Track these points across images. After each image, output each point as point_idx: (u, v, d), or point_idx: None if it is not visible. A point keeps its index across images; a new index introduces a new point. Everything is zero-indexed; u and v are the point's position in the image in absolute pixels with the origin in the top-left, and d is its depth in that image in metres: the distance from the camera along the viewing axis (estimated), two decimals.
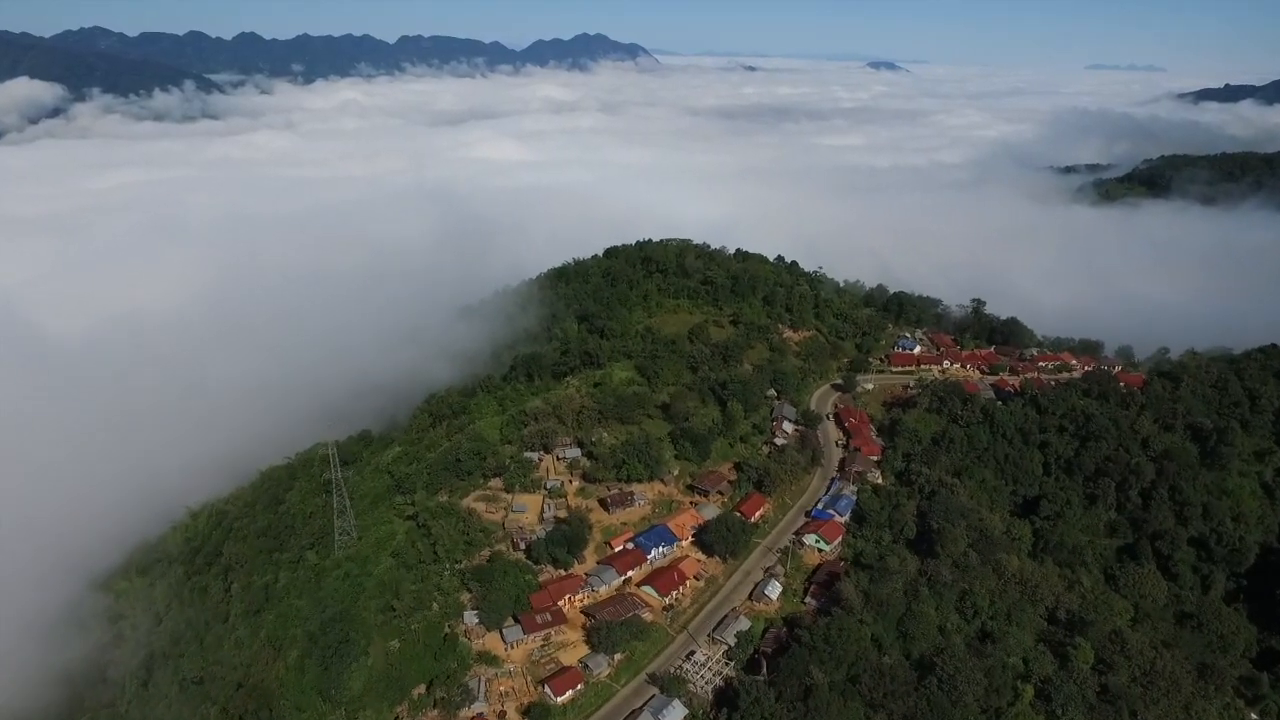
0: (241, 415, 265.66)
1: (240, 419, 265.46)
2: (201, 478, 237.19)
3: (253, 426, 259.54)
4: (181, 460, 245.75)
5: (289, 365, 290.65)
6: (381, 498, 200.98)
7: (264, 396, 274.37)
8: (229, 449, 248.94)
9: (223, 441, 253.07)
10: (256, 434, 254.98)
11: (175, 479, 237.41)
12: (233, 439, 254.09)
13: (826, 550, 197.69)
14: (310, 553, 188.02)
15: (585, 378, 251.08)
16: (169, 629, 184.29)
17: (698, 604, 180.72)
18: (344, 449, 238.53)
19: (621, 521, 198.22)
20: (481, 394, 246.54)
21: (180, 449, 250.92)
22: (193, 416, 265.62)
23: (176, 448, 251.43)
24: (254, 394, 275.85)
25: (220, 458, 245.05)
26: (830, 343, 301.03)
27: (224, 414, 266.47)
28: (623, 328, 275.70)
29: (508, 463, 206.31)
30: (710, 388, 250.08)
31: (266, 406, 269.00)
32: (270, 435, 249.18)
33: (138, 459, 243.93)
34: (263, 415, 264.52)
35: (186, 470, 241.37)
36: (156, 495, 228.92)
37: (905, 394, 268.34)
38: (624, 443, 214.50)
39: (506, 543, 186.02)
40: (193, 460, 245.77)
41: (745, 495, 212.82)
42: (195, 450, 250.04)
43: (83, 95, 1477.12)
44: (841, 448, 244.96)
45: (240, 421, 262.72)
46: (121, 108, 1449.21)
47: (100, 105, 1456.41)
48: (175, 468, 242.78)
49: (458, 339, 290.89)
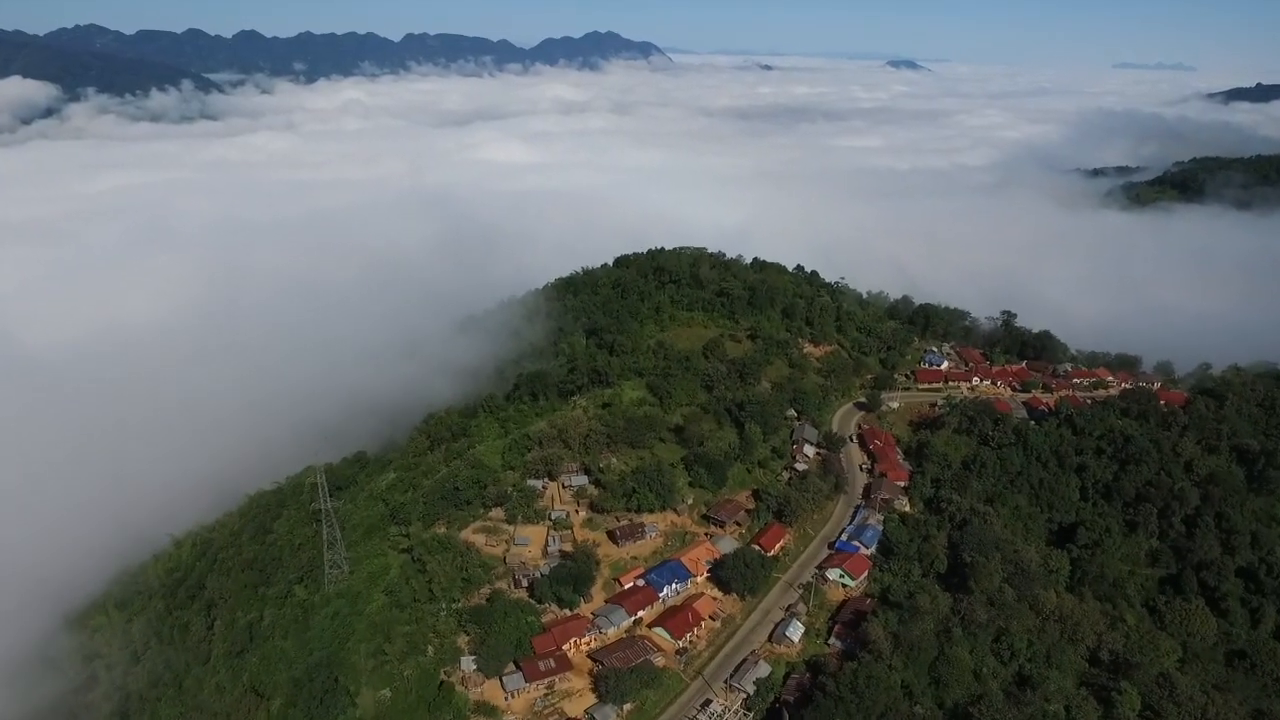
0: (230, 434, 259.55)
1: (228, 438, 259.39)
2: (186, 501, 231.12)
3: (241, 447, 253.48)
4: (166, 482, 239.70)
5: (281, 381, 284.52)
6: (375, 528, 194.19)
7: (254, 414, 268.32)
8: (216, 470, 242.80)
9: (210, 462, 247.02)
10: (245, 455, 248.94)
11: (159, 502, 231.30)
12: (220, 460, 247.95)
13: (852, 586, 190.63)
14: (298, 587, 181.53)
15: (593, 397, 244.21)
16: (147, 670, 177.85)
17: (713, 646, 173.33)
18: (337, 473, 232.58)
19: (631, 555, 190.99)
20: (483, 414, 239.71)
21: (165, 470, 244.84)
22: (179, 435, 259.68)
23: (161, 468, 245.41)
24: (243, 411, 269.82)
25: (207, 480, 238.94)
26: (853, 358, 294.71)
27: (212, 433, 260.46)
28: (633, 343, 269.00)
29: (510, 491, 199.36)
30: (726, 408, 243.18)
31: (256, 425, 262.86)
32: (259, 456, 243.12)
33: (119, 481, 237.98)
34: (252, 434, 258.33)
35: (171, 493, 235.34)
36: (138, 520, 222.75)
37: (933, 413, 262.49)
38: (634, 470, 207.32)
39: (508, 579, 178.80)
40: (178, 482, 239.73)
41: (764, 526, 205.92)
42: (180, 471, 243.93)
43: (77, 95, 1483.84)
44: (866, 472, 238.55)
45: (228, 441, 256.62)
46: (117, 108, 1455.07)
47: (95, 105, 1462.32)
48: (159, 490, 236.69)
49: (459, 354, 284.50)
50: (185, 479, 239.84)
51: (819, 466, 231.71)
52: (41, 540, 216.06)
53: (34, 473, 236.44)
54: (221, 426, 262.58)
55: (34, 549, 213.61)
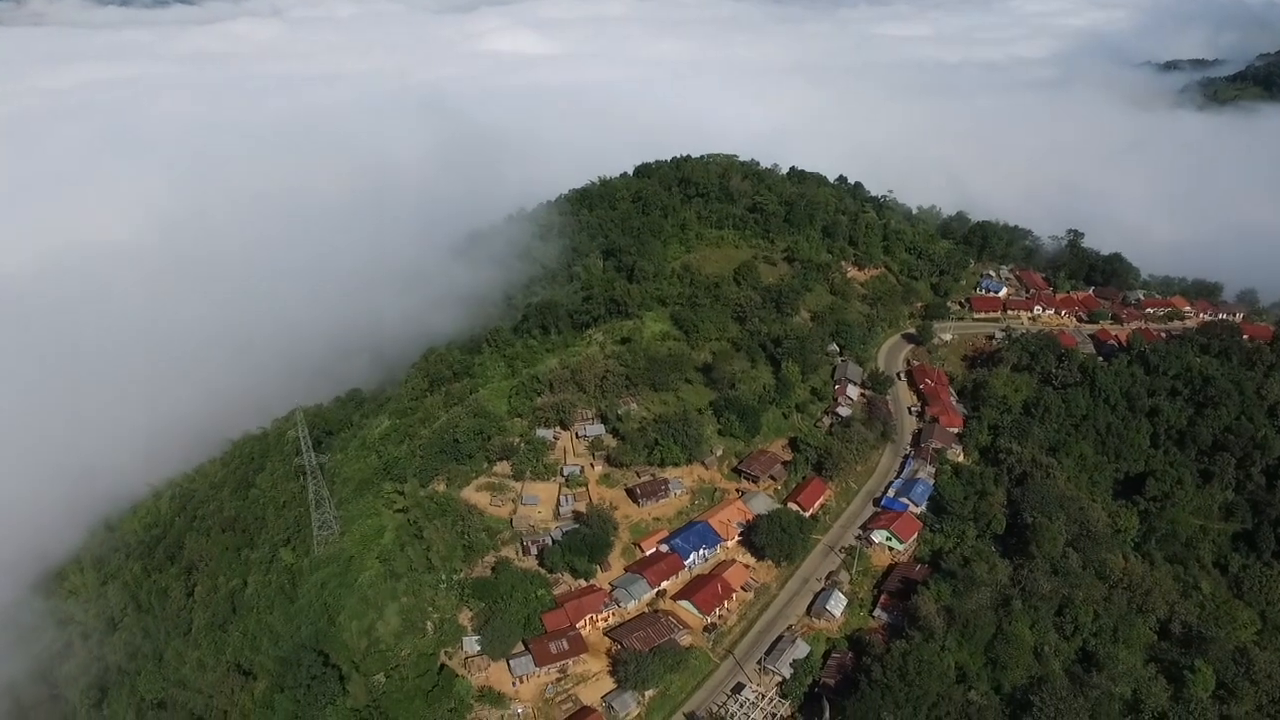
0: (209, 370, 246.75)
1: (207, 375, 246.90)
2: (165, 446, 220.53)
3: (222, 384, 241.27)
4: (141, 425, 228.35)
5: (265, 312, 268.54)
6: (368, 483, 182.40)
7: (234, 347, 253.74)
8: (195, 411, 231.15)
9: (188, 402, 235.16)
10: (226, 393, 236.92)
11: (136, 448, 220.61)
12: (199, 399, 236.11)
13: (900, 550, 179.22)
14: (284, 550, 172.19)
15: (611, 330, 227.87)
16: (124, 640, 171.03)
17: (745, 620, 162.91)
18: (327, 415, 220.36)
19: (654, 516, 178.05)
20: (488, 351, 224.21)
21: (140, 412, 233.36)
22: (153, 372, 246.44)
23: (136, 410, 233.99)
24: (223, 344, 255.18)
25: (187, 422, 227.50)
26: (901, 284, 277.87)
27: (189, 369, 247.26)
28: (656, 266, 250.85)
29: (517, 443, 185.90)
30: (760, 344, 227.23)
31: (238, 361, 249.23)
32: (243, 395, 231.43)
33: (90, 424, 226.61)
34: (233, 370, 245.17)
35: (148, 437, 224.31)
36: (114, 467, 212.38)
37: (990, 347, 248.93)
38: (657, 417, 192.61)
39: (515, 545, 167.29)
40: (155, 425, 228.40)
41: (802, 481, 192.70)
42: (157, 413, 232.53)
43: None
44: (915, 416, 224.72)
45: (207, 378, 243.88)
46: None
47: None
48: (135, 434, 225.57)
49: (462, 278, 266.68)
50: (163, 421, 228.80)
51: (863, 411, 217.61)
52: (8, 490, 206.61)
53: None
54: (200, 362, 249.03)
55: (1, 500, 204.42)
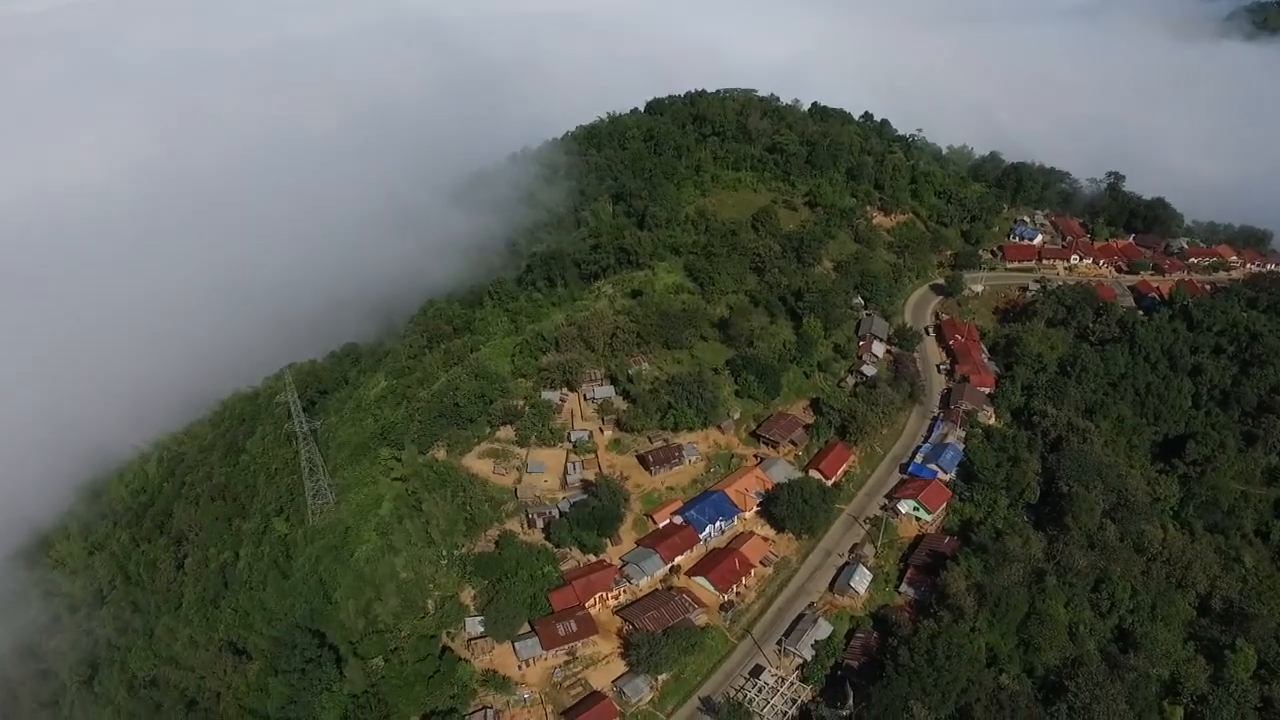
0: (194, 323, 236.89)
1: (192, 328, 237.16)
2: (149, 404, 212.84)
3: (208, 337, 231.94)
4: (123, 381, 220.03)
5: (251, 258, 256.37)
6: (364, 448, 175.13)
7: (221, 298, 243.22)
8: (180, 367, 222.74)
9: (172, 357, 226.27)
10: (213, 347, 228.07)
11: (117, 405, 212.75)
12: (185, 354, 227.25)
13: (928, 520, 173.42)
14: (278, 520, 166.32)
15: (621, 282, 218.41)
16: (113, 614, 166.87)
17: (764, 597, 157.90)
18: (321, 372, 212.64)
19: (667, 486, 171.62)
20: (490, 304, 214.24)
21: (121, 367, 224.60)
22: (134, 325, 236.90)
23: (115, 365, 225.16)
24: (208, 295, 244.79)
25: (171, 377, 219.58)
26: (930, 230, 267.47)
27: (172, 322, 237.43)
28: (669, 212, 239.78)
29: (521, 406, 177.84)
30: (780, 297, 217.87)
31: (225, 311, 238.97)
32: (230, 348, 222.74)
33: (68, 380, 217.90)
34: (220, 322, 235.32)
35: (131, 394, 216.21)
36: (100, 428, 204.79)
37: (1023, 300, 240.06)
38: (670, 378, 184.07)
39: (519, 517, 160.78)
40: (137, 381, 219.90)
41: (824, 446, 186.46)
42: (139, 368, 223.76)
43: None
44: (945, 374, 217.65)
45: (192, 331, 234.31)
46: None
47: None
48: (115, 391, 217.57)
49: (462, 224, 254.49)
50: (147, 378, 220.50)
51: (890, 369, 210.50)
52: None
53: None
54: (185, 315, 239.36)
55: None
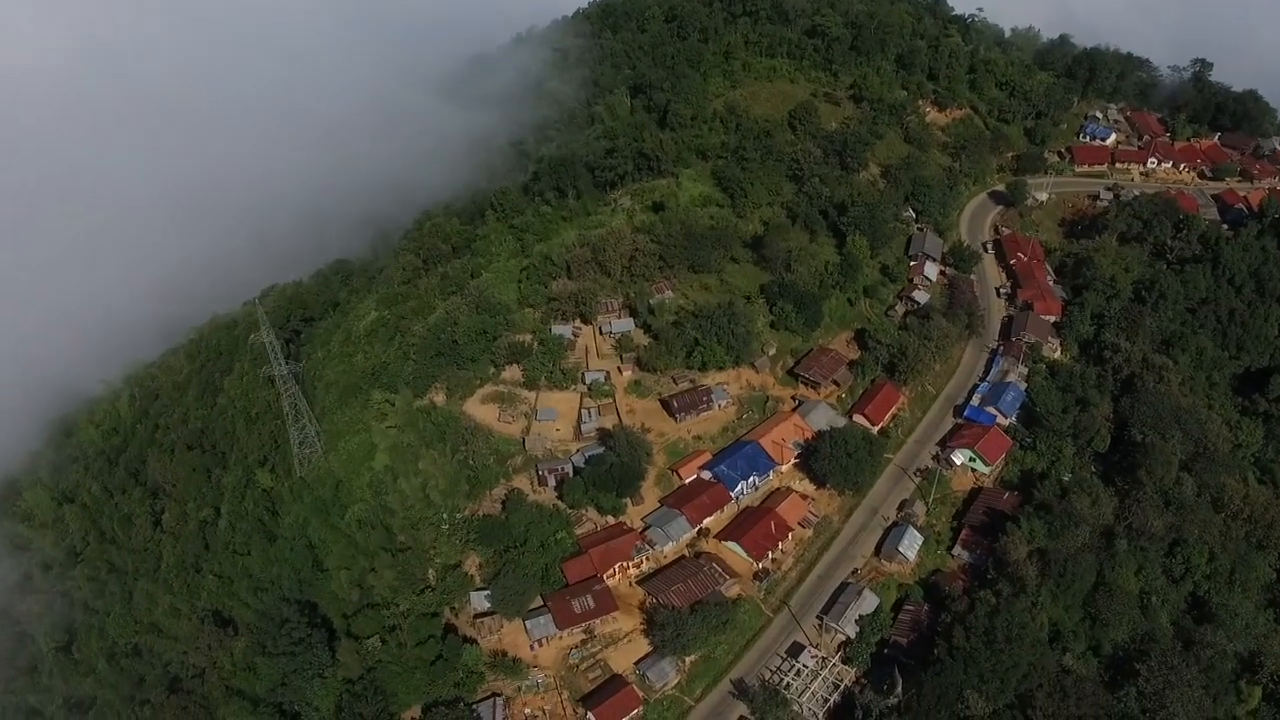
0: (162, 237, 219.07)
1: (160, 242, 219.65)
2: (117, 331, 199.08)
3: (178, 253, 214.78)
4: (85, 304, 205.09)
5: (223, 160, 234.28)
6: (354, 389, 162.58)
7: (192, 216, 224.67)
8: (149, 288, 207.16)
9: (139, 276, 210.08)
10: (185, 264, 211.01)
11: (81, 333, 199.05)
12: (153, 272, 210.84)
13: (985, 473, 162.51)
14: (261, 471, 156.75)
15: (640, 193, 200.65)
16: (87, 575, 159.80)
17: (803, 563, 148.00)
18: (307, 295, 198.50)
19: (694, 434, 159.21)
20: (492, 218, 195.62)
21: (81, 288, 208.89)
22: (94, 239, 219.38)
23: (75, 286, 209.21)
24: (178, 213, 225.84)
25: (139, 300, 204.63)
26: (990, 128, 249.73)
27: (137, 234, 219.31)
28: (694, 108, 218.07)
29: (528, 342, 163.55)
30: (821, 210, 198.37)
31: (195, 223, 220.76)
32: (204, 266, 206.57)
33: (23, 302, 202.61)
34: (190, 236, 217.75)
35: (95, 319, 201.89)
36: (58, 358, 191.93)
37: (1092, 210, 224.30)
38: (696, 309, 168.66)
39: (529, 474, 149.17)
40: (101, 304, 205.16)
41: (871, 386, 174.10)
42: (103, 290, 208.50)
43: None
44: (1005, 299, 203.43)
45: (161, 246, 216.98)
46: None
47: None
48: (78, 316, 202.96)
49: (460, 122, 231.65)
50: (112, 301, 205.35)
51: (943, 294, 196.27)
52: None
53: None
54: (151, 227, 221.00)
55: None
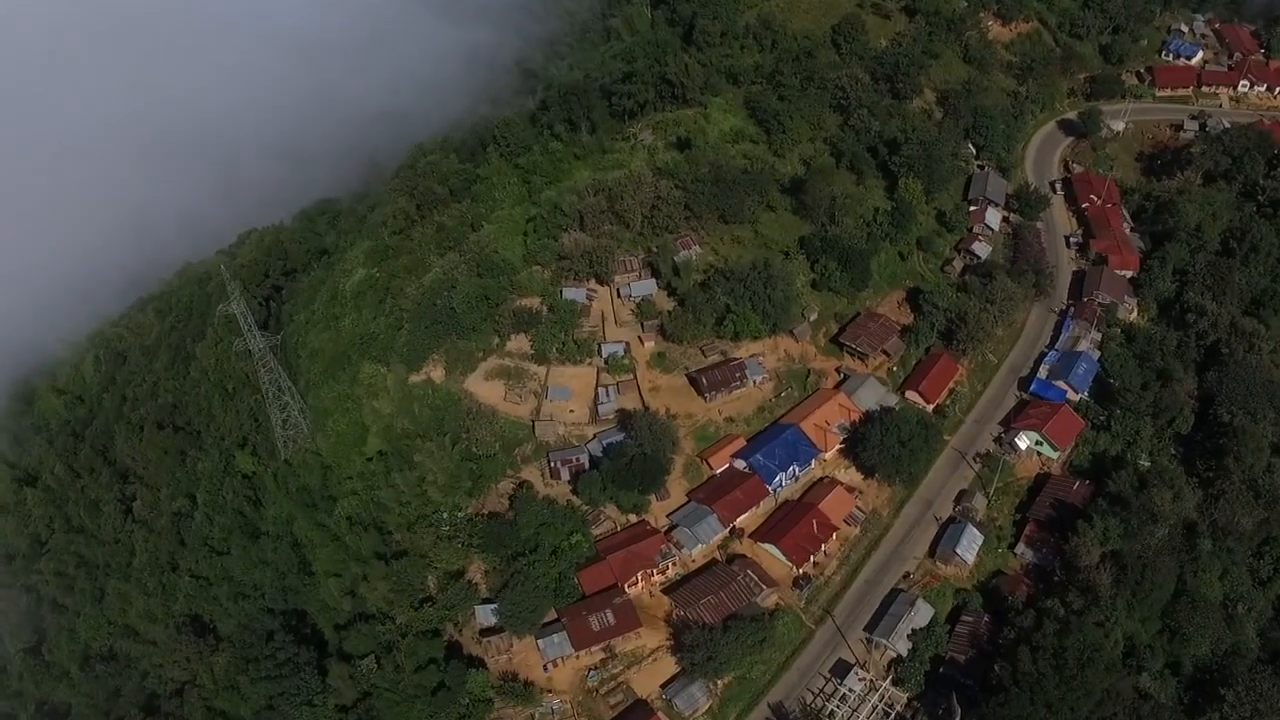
0: (129, 183, 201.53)
1: (128, 190, 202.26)
2: (79, 281, 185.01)
3: (141, 194, 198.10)
4: (41, 252, 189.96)
5: (190, 101, 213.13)
6: (343, 359, 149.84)
7: (159, 152, 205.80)
8: (111, 232, 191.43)
9: (99, 217, 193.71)
10: (154, 213, 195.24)
11: (38, 285, 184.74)
12: (114, 214, 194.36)
13: (1054, 458, 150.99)
14: (240, 454, 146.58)
15: (663, 125, 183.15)
16: (54, 568, 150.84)
17: (848, 565, 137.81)
18: (288, 242, 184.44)
19: (725, 416, 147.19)
20: (495, 156, 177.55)
21: (35, 233, 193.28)
22: (58, 188, 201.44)
23: (28, 231, 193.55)
24: (144, 148, 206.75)
25: (101, 246, 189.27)
26: (1060, 45, 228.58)
27: (93, 172, 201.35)
28: (724, 23, 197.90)
29: (537, 307, 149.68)
30: (870, 147, 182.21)
31: (165, 168, 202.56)
32: (172, 207, 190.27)
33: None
34: (160, 183, 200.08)
35: (54, 269, 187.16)
36: (14, 312, 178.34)
37: (1175, 141, 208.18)
38: (727, 268, 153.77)
39: (539, 465, 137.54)
40: (59, 251, 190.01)
41: (925, 356, 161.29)
42: (68, 243, 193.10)
43: None
44: (1075, 249, 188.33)
45: (128, 193, 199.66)
46: None
47: None
48: (33, 266, 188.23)
49: (455, 41, 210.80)
50: (71, 247, 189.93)
51: (1007, 245, 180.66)
52: None
53: None
54: (109, 163, 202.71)
55: None
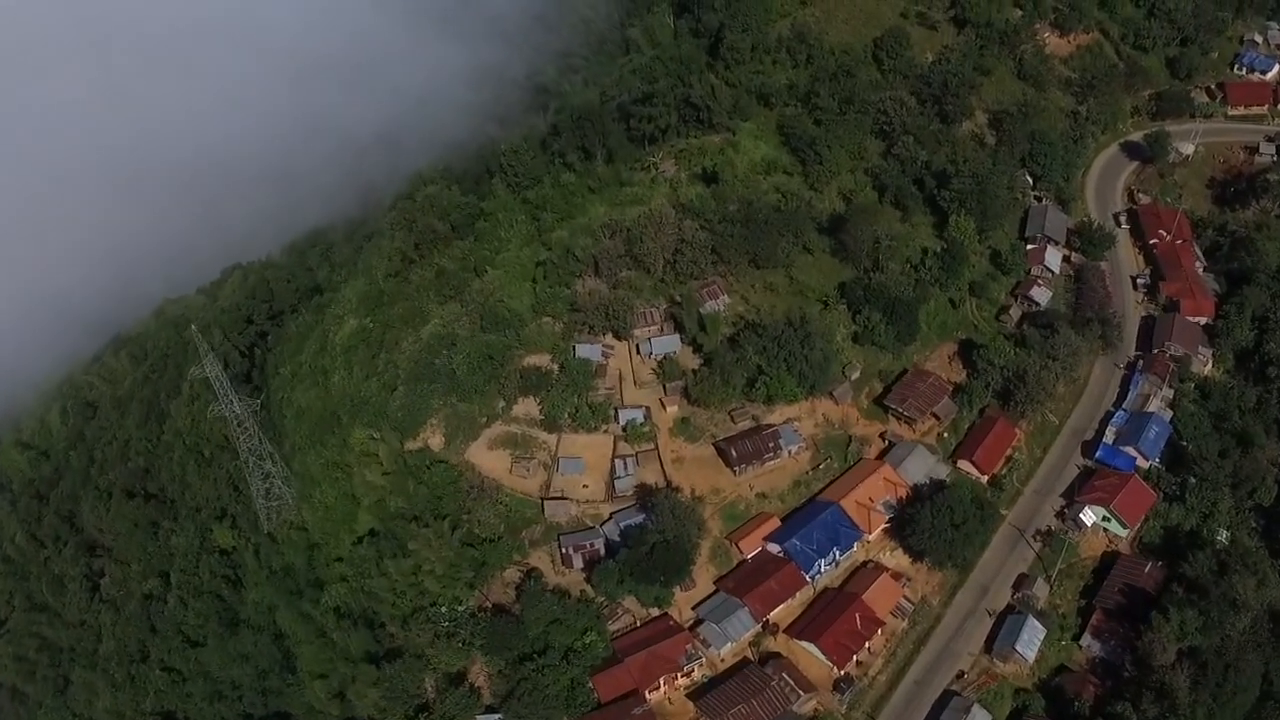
0: (99, 202, 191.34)
1: (104, 219, 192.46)
2: (46, 320, 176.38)
3: (125, 231, 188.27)
4: (18, 296, 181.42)
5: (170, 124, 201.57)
6: (332, 421, 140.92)
7: (137, 179, 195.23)
8: (87, 268, 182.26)
9: (80, 260, 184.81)
10: (131, 246, 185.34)
11: (5, 328, 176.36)
12: (90, 248, 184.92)
13: (1123, 536, 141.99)
14: (220, 528, 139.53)
15: (687, 155, 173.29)
16: (13, 650, 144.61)
17: (895, 663, 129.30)
18: (275, 280, 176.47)
19: (757, 491, 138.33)
20: (500, 187, 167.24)
21: (14, 275, 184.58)
22: (13, 209, 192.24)
23: (7, 274, 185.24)
24: (120, 174, 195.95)
25: (72, 281, 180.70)
26: (1124, 58, 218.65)
27: (68, 200, 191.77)
28: (755, 35, 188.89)
29: (547, 367, 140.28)
30: (916, 179, 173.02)
31: (143, 196, 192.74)
32: (155, 248, 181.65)
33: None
34: (138, 211, 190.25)
35: (18, 307, 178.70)
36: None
37: (1249, 166, 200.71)
38: (758, 321, 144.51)
39: (549, 549, 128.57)
40: (23, 289, 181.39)
41: (979, 419, 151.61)
42: (38, 277, 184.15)
43: None
44: (1143, 291, 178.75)
45: (99, 213, 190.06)
46: None
47: None
48: (9, 309, 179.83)
49: (457, 58, 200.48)
50: (37, 284, 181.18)
51: (1068, 289, 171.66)
52: None
53: None
54: (78, 189, 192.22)
55: None
